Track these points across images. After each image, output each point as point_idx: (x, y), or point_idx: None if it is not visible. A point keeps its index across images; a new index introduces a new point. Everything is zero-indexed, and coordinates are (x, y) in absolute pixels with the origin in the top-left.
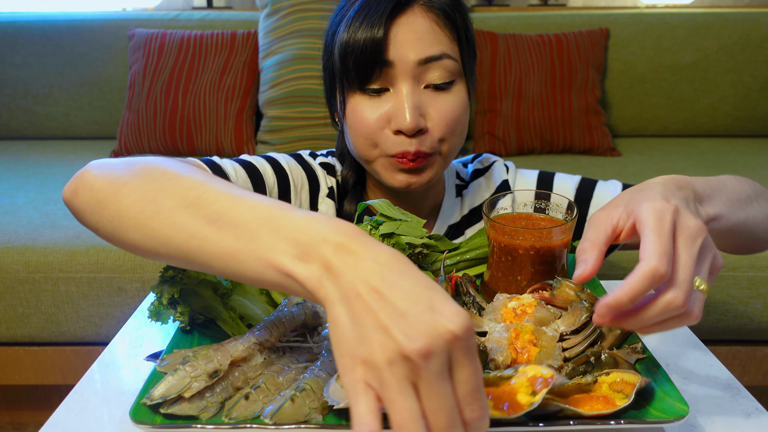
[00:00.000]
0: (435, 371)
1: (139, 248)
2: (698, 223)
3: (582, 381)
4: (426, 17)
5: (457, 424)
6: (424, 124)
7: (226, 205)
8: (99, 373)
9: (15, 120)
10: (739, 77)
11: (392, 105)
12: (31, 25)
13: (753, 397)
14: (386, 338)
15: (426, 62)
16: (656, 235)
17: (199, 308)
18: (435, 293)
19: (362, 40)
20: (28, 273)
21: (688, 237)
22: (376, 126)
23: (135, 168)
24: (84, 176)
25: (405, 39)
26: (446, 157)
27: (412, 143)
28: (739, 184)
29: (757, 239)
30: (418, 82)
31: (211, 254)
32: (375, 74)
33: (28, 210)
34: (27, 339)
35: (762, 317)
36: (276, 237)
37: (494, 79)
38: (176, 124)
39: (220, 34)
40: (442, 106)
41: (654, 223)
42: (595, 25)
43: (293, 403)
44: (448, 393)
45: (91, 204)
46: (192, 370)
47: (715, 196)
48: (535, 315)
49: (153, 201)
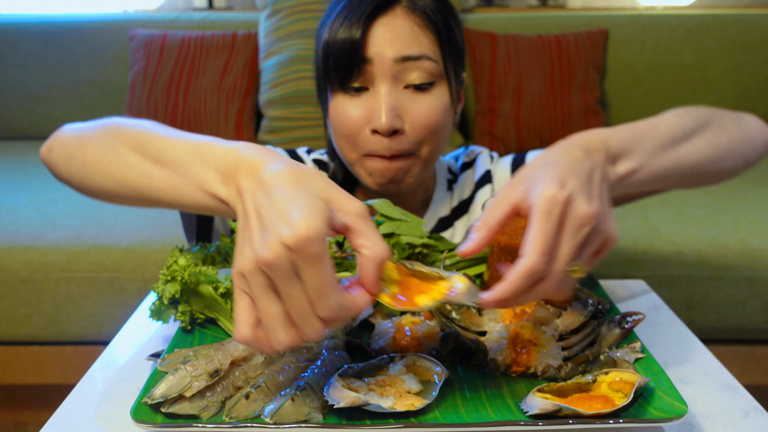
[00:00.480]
0: (281, 278)
1: (103, 191)
2: (588, 211)
3: (581, 380)
4: (407, 18)
5: (310, 320)
6: (401, 125)
7: (167, 146)
8: (100, 373)
9: (16, 120)
10: (739, 77)
11: (371, 104)
12: (32, 26)
13: (751, 396)
14: (250, 250)
15: (404, 60)
16: (540, 230)
17: (199, 308)
18: (300, 204)
19: (342, 39)
20: (29, 273)
21: (574, 227)
22: (355, 125)
23: (99, 125)
24: (57, 135)
25: (384, 38)
26: (426, 160)
27: (388, 143)
28: (677, 120)
29: (706, 172)
30: (397, 82)
31: (158, 189)
32: (354, 73)
33: (29, 210)
34: (28, 339)
35: (760, 317)
36: (205, 167)
37: (494, 79)
38: (177, 125)
39: (221, 35)
40: (420, 108)
41: (541, 216)
42: (594, 26)
43: (293, 403)
44: (297, 294)
45: (63, 158)
46: (193, 369)
47: (638, 146)
48: (535, 315)
49: (111, 148)
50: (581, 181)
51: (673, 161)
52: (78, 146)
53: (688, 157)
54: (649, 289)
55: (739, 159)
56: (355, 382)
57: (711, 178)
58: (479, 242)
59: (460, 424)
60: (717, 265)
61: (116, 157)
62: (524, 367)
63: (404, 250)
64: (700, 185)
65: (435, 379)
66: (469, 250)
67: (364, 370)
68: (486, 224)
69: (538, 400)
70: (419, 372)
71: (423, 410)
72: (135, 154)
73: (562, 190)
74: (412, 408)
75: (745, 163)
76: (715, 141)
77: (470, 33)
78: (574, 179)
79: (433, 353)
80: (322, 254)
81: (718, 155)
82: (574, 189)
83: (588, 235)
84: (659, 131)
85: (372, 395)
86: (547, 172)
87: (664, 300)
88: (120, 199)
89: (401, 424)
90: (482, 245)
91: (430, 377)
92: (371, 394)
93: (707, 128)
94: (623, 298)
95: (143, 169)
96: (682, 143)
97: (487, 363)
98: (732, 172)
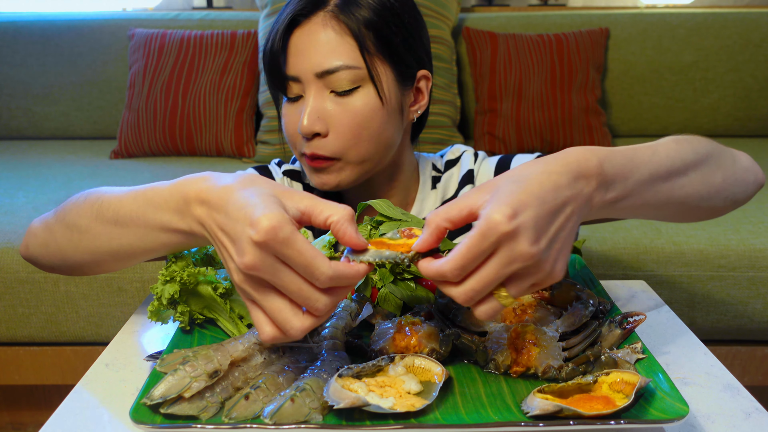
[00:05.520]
0: (269, 272)
1: (86, 264)
2: (527, 252)
3: (582, 381)
4: (326, 26)
5: (314, 297)
6: (320, 129)
7: (119, 205)
8: (99, 373)
9: (15, 120)
10: (739, 77)
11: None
12: (30, 25)
13: (753, 397)
14: (232, 264)
15: (323, 75)
16: (467, 247)
17: (198, 308)
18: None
19: (267, 54)
20: (28, 273)
21: (505, 259)
22: (291, 129)
23: (59, 209)
24: (29, 231)
25: (302, 50)
26: (361, 163)
27: (309, 145)
28: (677, 149)
29: (694, 208)
30: (324, 87)
31: (129, 246)
32: (287, 85)
33: (28, 210)
34: (27, 339)
35: (762, 317)
36: (159, 211)
37: (494, 79)
38: (176, 124)
39: (220, 34)
40: (340, 111)
41: (475, 235)
42: (595, 25)
43: (293, 403)
44: (290, 279)
45: (39, 248)
46: (192, 370)
47: (633, 173)
48: (535, 315)
49: (74, 225)
50: (538, 215)
51: (665, 193)
52: (48, 234)
53: (681, 191)
54: (650, 290)
55: (729, 199)
56: (355, 382)
57: (697, 215)
58: (428, 240)
59: (461, 425)
60: (718, 265)
61: (81, 232)
62: (525, 367)
63: None
64: (685, 220)
65: (435, 380)
66: (418, 248)
67: (364, 370)
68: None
69: (538, 400)
70: (419, 372)
71: (423, 411)
72: (96, 223)
73: (510, 221)
74: (412, 409)
75: (734, 204)
76: (710, 178)
77: (470, 33)
78: (531, 211)
79: (433, 353)
80: (293, 235)
81: (710, 193)
82: (524, 223)
83: (522, 270)
84: (658, 159)
85: (372, 396)
86: (509, 193)
87: (665, 300)
88: (103, 266)
89: (401, 425)
90: (432, 243)
91: (430, 377)
92: (371, 395)
93: (704, 163)
94: (624, 298)
95: (109, 234)
96: (678, 176)
97: (488, 363)
98: (719, 211)
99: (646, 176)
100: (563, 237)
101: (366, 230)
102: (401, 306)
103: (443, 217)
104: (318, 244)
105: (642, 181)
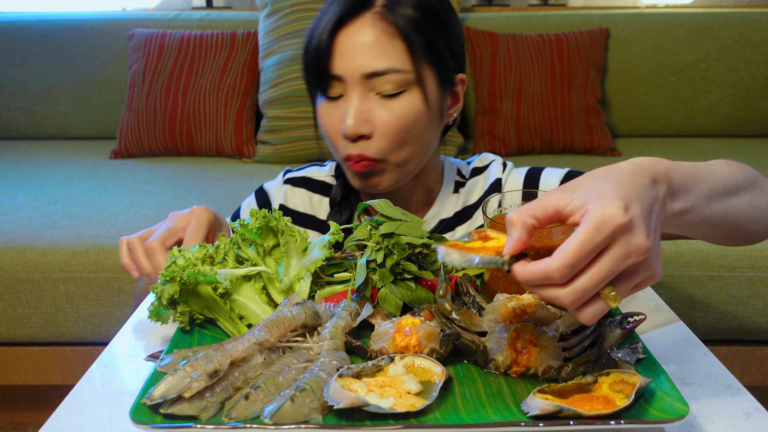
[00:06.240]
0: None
1: None
2: (644, 244)
3: (582, 381)
4: (375, 28)
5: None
6: (367, 131)
7: None
8: (99, 373)
9: (15, 120)
10: (739, 77)
11: (343, 110)
12: (30, 25)
13: (753, 397)
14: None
15: (370, 77)
16: (580, 242)
17: (198, 308)
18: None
19: (313, 50)
20: (28, 273)
21: (620, 254)
22: (332, 129)
23: None
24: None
25: (350, 50)
26: (401, 166)
27: (355, 147)
28: (730, 171)
29: (741, 230)
30: (368, 89)
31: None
32: (329, 84)
33: (27, 210)
34: (27, 339)
35: (762, 317)
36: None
37: (494, 79)
38: (176, 124)
39: (220, 34)
40: (387, 115)
41: (589, 229)
42: (595, 25)
43: (293, 403)
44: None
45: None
46: (192, 370)
47: (695, 186)
48: (535, 315)
49: None
50: (643, 210)
51: (721, 211)
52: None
53: (734, 210)
54: (650, 290)
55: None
56: (355, 382)
57: (744, 238)
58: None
59: (461, 425)
60: (718, 265)
61: None
62: (525, 367)
63: (404, 250)
64: (730, 243)
65: (435, 380)
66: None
67: (364, 370)
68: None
69: (538, 400)
70: (419, 372)
71: (423, 411)
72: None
73: (625, 213)
74: (412, 409)
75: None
76: (757, 201)
77: (470, 32)
78: (637, 205)
79: (433, 353)
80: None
81: (757, 217)
82: (636, 216)
83: (633, 267)
84: (715, 177)
85: (372, 396)
86: (612, 189)
87: (666, 300)
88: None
89: (401, 425)
90: (526, 242)
91: (430, 377)
92: (371, 395)
93: (753, 187)
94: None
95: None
96: (731, 196)
97: (488, 363)
98: (760, 236)
99: (705, 192)
100: (658, 236)
101: (366, 230)
102: (401, 306)
103: (529, 215)
104: (318, 244)
105: (702, 196)
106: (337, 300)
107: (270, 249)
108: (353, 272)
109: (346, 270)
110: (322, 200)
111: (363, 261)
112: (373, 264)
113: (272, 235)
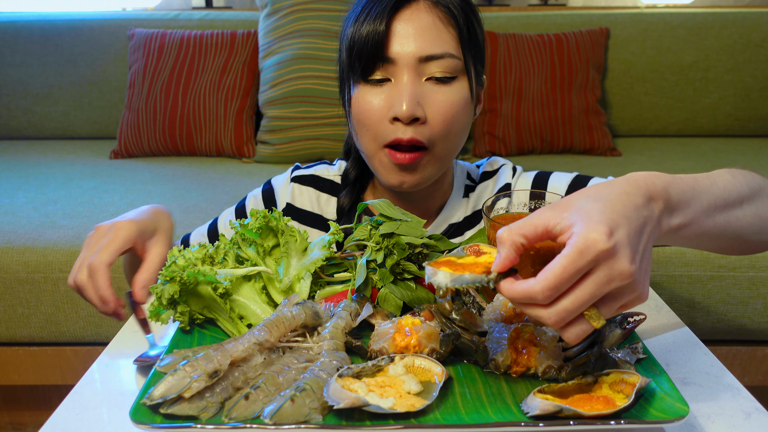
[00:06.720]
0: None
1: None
2: (627, 270)
3: (582, 381)
4: (430, 13)
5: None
6: (422, 113)
7: None
8: (99, 374)
9: (15, 120)
10: (739, 77)
11: (392, 94)
12: (30, 25)
13: (753, 398)
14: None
15: (427, 60)
16: (562, 266)
17: (198, 308)
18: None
19: (366, 33)
20: (28, 273)
21: (603, 278)
22: (376, 114)
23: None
24: None
25: (407, 34)
26: (441, 158)
27: (407, 131)
28: (733, 181)
29: (745, 241)
30: (419, 74)
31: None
32: (377, 66)
33: (27, 210)
34: (27, 339)
35: (762, 317)
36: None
37: (494, 79)
38: (176, 124)
39: (220, 33)
40: (440, 100)
41: (572, 253)
42: (595, 25)
43: (293, 403)
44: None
45: None
46: (192, 370)
47: (694, 201)
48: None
49: None
50: (631, 233)
51: (722, 224)
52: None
53: (737, 222)
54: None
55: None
56: (355, 382)
57: (749, 247)
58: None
59: (461, 425)
60: (718, 265)
61: None
62: (525, 367)
63: (404, 250)
64: (735, 253)
65: (435, 380)
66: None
67: (364, 370)
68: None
69: (538, 400)
70: (419, 372)
71: (423, 411)
72: None
73: (609, 239)
74: (412, 409)
75: None
76: (762, 211)
77: None
78: (624, 229)
79: (433, 353)
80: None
81: (762, 227)
82: (621, 241)
83: (617, 290)
84: (716, 189)
85: (372, 396)
86: (600, 211)
87: (666, 300)
88: None
89: (401, 425)
90: (513, 261)
91: (430, 378)
92: (371, 395)
93: (758, 197)
94: None
95: None
96: (734, 208)
97: (488, 363)
98: (765, 246)
99: (706, 205)
100: (647, 257)
101: (366, 230)
102: (401, 306)
103: (518, 233)
104: (318, 245)
105: (702, 210)
106: (337, 300)
107: (270, 249)
108: (353, 272)
109: (346, 270)
110: (330, 200)
111: (363, 261)
112: (373, 264)
113: (272, 235)
